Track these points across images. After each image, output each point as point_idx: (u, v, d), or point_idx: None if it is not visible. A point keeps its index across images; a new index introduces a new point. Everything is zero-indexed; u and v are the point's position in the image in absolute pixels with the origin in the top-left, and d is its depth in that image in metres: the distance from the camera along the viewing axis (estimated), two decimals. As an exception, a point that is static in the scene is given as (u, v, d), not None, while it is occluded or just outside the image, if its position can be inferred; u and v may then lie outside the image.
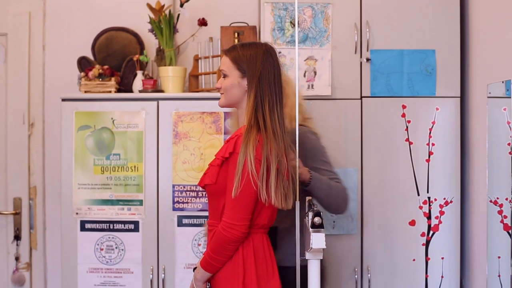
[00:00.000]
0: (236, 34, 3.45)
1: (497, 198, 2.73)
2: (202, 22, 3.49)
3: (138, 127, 3.26)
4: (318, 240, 2.29)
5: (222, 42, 3.48)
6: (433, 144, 3.25)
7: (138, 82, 3.42)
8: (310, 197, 2.59)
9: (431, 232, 3.24)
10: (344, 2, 3.27)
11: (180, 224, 3.23)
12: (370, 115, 3.27)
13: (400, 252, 3.26)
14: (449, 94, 3.26)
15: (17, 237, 3.71)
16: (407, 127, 3.26)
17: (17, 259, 3.71)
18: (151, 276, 3.24)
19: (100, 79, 3.34)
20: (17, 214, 3.72)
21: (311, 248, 2.31)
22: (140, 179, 3.25)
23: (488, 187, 2.82)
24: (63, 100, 3.29)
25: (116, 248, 3.25)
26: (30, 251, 3.73)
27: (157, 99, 3.27)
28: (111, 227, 3.26)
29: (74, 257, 3.26)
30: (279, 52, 3.19)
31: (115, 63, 3.49)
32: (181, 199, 3.25)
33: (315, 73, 3.26)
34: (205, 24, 3.50)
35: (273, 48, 2.41)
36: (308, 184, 2.53)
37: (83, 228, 3.26)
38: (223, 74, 2.40)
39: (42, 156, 3.74)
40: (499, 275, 2.70)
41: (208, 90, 3.45)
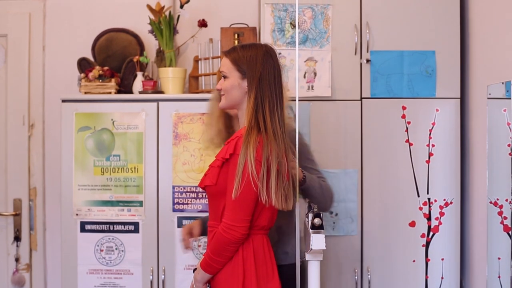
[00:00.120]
0: (236, 35, 3.45)
1: (497, 199, 2.73)
2: (202, 23, 3.49)
3: (138, 128, 3.26)
4: (318, 241, 2.30)
5: (222, 43, 3.48)
6: (433, 145, 3.25)
7: (138, 83, 3.42)
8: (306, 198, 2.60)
9: (431, 233, 3.24)
10: (344, 3, 3.27)
11: (180, 225, 3.22)
12: (370, 116, 3.27)
13: (400, 253, 3.26)
14: (449, 95, 3.26)
15: (17, 238, 3.71)
16: (407, 128, 3.26)
17: (17, 260, 3.71)
18: (151, 277, 3.24)
19: (100, 80, 3.34)
20: (17, 215, 3.71)
21: (311, 249, 2.31)
22: (140, 180, 3.25)
23: (488, 188, 2.82)
24: (63, 101, 3.29)
25: (116, 249, 3.25)
26: (30, 252, 3.73)
27: (157, 100, 3.27)
28: (111, 228, 3.26)
29: (74, 258, 3.26)
30: (279, 53, 3.19)
31: (115, 64, 3.50)
32: (181, 200, 3.25)
33: (315, 74, 3.26)
34: (205, 25, 3.50)
35: (273, 49, 2.41)
36: (303, 184, 2.53)
37: (83, 229, 3.26)
38: (223, 76, 2.40)
39: (42, 157, 3.74)
40: (499, 276, 2.70)
41: (208, 91, 3.44)
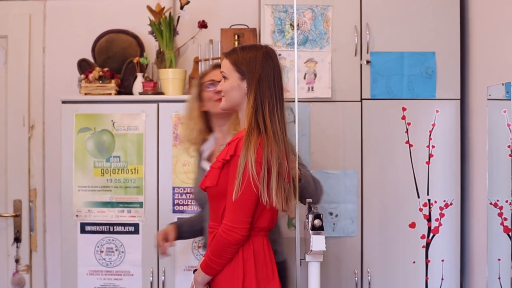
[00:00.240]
0: (236, 37, 3.45)
1: (497, 200, 2.73)
2: (202, 25, 3.49)
3: (138, 129, 3.26)
4: (318, 242, 2.30)
5: (222, 45, 3.48)
6: (433, 146, 3.25)
7: (138, 84, 3.42)
8: (310, 200, 2.59)
9: (431, 235, 3.24)
10: (344, 4, 3.27)
11: (180, 226, 3.22)
12: (370, 118, 3.26)
13: (400, 255, 3.26)
14: (449, 97, 3.26)
15: (17, 239, 3.71)
16: (407, 129, 3.26)
17: (17, 261, 3.71)
18: (151, 279, 3.24)
19: (100, 82, 3.34)
20: (17, 216, 3.72)
21: (311, 251, 2.31)
22: (140, 182, 3.25)
23: (488, 189, 2.82)
24: (63, 102, 3.29)
25: (116, 251, 3.25)
26: (30, 253, 3.73)
27: (157, 101, 3.27)
28: (111, 229, 3.26)
29: (74, 259, 3.26)
30: (279, 55, 3.19)
31: (115, 66, 3.49)
32: (181, 202, 3.25)
33: (315, 76, 3.26)
34: (205, 27, 3.50)
35: (274, 51, 2.40)
36: (300, 181, 2.53)
37: (83, 230, 3.26)
38: (223, 77, 2.40)
39: (42, 158, 3.74)
40: (499, 277, 2.70)
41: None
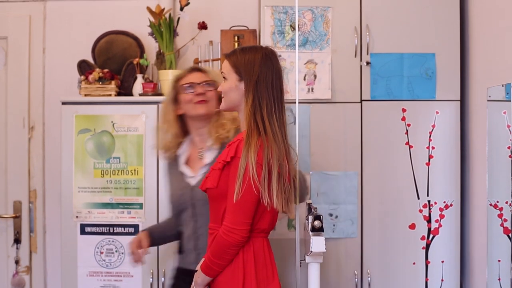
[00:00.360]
0: (236, 38, 3.45)
1: (497, 202, 2.73)
2: (202, 26, 3.49)
3: (138, 131, 3.26)
4: (318, 244, 2.30)
5: (222, 46, 3.48)
6: (433, 148, 3.25)
7: (138, 86, 3.42)
8: (310, 201, 2.59)
9: (431, 236, 3.24)
10: (344, 6, 3.27)
11: (180, 228, 3.22)
12: (370, 119, 3.26)
13: (400, 256, 3.26)
14: (449, 98, 3.26)
15: (17, 241, 3.71)
16: (407, 131, 3.26)
17: (17, 263, 3.71)
18: (151, 280, 3.24)
19: (100, 83, 3.34)
20: (17, 218, 3.71)
21: (311, 252, 2.31)
22: (140, 183, 3.25)
23: (488, 191, 2.82)
24: (63, 104, 3.29)
25: (116, 252, 3.25)
26: (30, 255, 3.73)
27: (157, 103, 3.27)
28: (111, 231, 3.26)
29: (74, 261, 3.26)
30: (279, 56, 3.18)
31: (115, 67, 3.49)
32: (181, 203, 3.24)
33: (315, 77, 3.26)
34: (205, 28, 3.50)
35: (274, 52, 2.40)
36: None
37: (83, 232, 3.26)
38: (223, 77, 2.41)
39: (42, 160, 3.74)
40: (499, 279, 2.70)
41: (208, 94, 3.45)
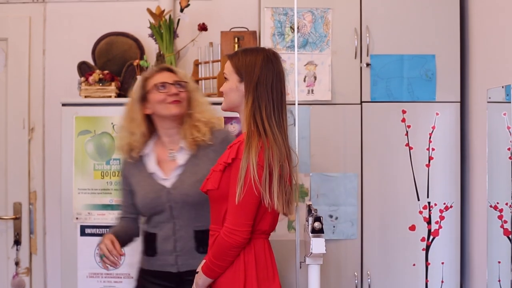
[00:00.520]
0: (236, 39, 3.45)
1: (497, 203, 2.73)
2: (202, 27, 3.49)
3: (138, 132, 3.25)
4: (318, 245, 2.30)
5: (222, 47, 3.48)
6: (433, 149, 3.25)
7: (138, 87, 3.42)
8: (310, 202, 2.59)
9: (431, 237, 3.24)
10: (344, 7, 3.27)
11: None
12: (370, 120, 3.27)
13: (400, 257, 3.26)
14: (449, 99, 3.26)
15: (17, 242, 3.71)
16: (407, 132, 3.26)
17: (17, 264, 3.71)
18: (151, 281, 3.23)
19: (100, 84, 3.34)
20: (17, 219, 3.71)
21: (311, 253, 2.32)
22: (140, 184, 3.24)
23: (488, 192, 2.82)
24: (63, 105, 3.29)
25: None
26: (30, 256, 3.73)
27: (157, 104, 3.27)
28: (111, 232, 3.25)
29: (74, 262, 3.25)
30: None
31: (115, 68, 3.50)
32: (181, 204, 3.24)
33: (315, 78, 3.26)
34: (205, 29, 3.50)
35: (276, 54, 2.39)
36: None
37: (83, 233, 3.25)
38: (225, 78, 2.42)
39: (42, 161, 3.74)
40: (499, 280, 2.70)
41: (209, 95, 3.44)
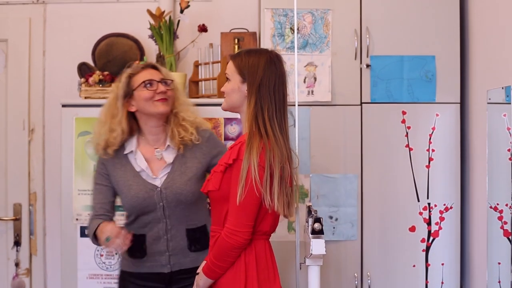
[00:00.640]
0: (236, 40, 3.45)
1: (497, 204, 2.73)
2: (202, 28, 3.49)
3: (138, 133, 3.25)
4: (318, 246, 2.30)
5: (222, 48, 3.48)
6: (433, 150, 3.25)
7: (138, 88, 3.42)
8: (310, 203, 2.60)
9: (431, 238, 3.24)
10: (344, 8, 3.27)
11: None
12: (370, 121, 3.27)
13: (400, 258, 3.26)
14: (449, 100, 3.26)
15: (17, 243, 3.71)
16: (407, 133, 3.26)
17: (17, 265, 3.70)
18: (151, 282, 3.23)
19: (101, 85, 3.34)
20: (17, 220, 3.71)
21: (311, 254, 2.32)
22: (140, 185, 3.24)
23: (488, 193, 2.82)
24: (63, 106, 3.29)
25: (116, 254, 3.24)
26: (30, 257, 3.73)
27: (157, 105, 3.27)
28: (111, 233, 3.25)
29: (74, 263, 3.25)
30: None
31: (116, 69, 3.49)
32: (181, 205, 3.24)
33: (315, 79, 3.26)
34: (205, 30, 3.50)
35: (279, 56, 2.40)
36: None
37: (83, 234, 3.25)
38: (227, 78, 2.42)
39: (42, 162, 3.74)
40: (499, 281, 2.70)
41: (208, 96, 3.45)
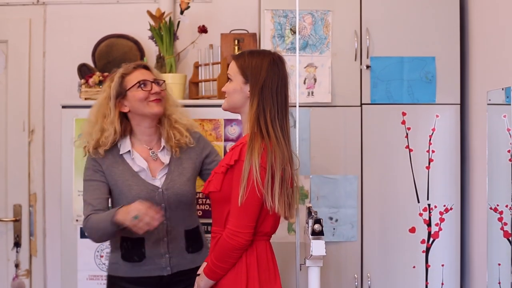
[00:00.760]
0: (236, 41, 3.46)
1: (497, 205, 2.73)
2: (202, 29, 3.49)
3: (138, 134, 3.24)
4: (318, 247, 2.30)
5: (222, 49, 3.48)
6: (433, 151, 3.25)
7: (138, 89, 3.42)
8: (310, 204, 2.60)
9: (431, 239, 3.24)
10: (344, 9, 3.27)
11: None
12: (370, 122, 3.27)
13: (400, 259, 3.26)
14: (449, 101, 3.26)
15: (17, 244, 3.70)
16: (407, 134, 3.26)
17: (17, 266, 3.70)
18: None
19: (101, 86, 3.34)
20: (17, 221, 3.71)
21: (311, 255, 2.32)
22: (140, 186, 3.23)
23: (488, 194, 2.82)
24: (63, 107, 3.28)
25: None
26: (30, 258, 3.73)
27: (157, 106, 3.26)
28: (111, 234, 3.24)
29: (74, 264, 3.25)
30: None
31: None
32: (181, 206, 3.23)
33: (315, 80, 3.26)
34: (205, 31, 3.50)
35: (282, 58, 2.41)
36: None
37: (83, 235, 3.23)
38: (229, 78, 2.42)
39: (42, 163, 3.74)
40: (499, 282, 2.70)
41: (208, 97, 3.45)
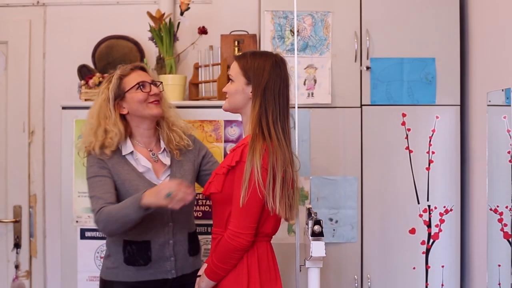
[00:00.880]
0: (236, 43, 3.46)
1: (497, 206, 2.73)
2: (202, 30, 3.49)
3: (138, 135, 3.24)
4: (318, 248, 2.30)
5: (222, 51, 3.48)
6: (433, 152, 3.25)
7: (138, 90, 3.42)
8: (310, 205, 2.60)
9: (431, 240, 3.24)
10: (344, 11, 3.27)
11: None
12: (370, 123, 3.27)
13: (400, 260, 3.26)
14: (449, 102, 3.26)
15: (17, 245, 3.71)
16: (407, 135, 3.26)
17: (17, 267, 3.70)
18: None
19: (101, 87, 3.34)
20: (17, 222, 3.71)
21: (311, 257, 2.32)
22: (140, 187, 3.23)
23: (488, 195, 2.82)
24: (64, 108, 3.29)
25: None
26: (30, 259, 3.73)
27: (157, 107, 3.26)
28: (111, 235, 3.24)
29: (74, 265, 3.25)
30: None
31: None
32: (181, 207, 3.23)
33: (315, 81, 3.26)
34: (205, 33, 3.50)
35: (284, 60, 2.42)
36: None
37: (83, 236, 3.25)
38: (230, 79, 2.42)
39: (42, 164, 3.74)
40: (499, 283, 2.70)
41: (208, 98, 3.45)
